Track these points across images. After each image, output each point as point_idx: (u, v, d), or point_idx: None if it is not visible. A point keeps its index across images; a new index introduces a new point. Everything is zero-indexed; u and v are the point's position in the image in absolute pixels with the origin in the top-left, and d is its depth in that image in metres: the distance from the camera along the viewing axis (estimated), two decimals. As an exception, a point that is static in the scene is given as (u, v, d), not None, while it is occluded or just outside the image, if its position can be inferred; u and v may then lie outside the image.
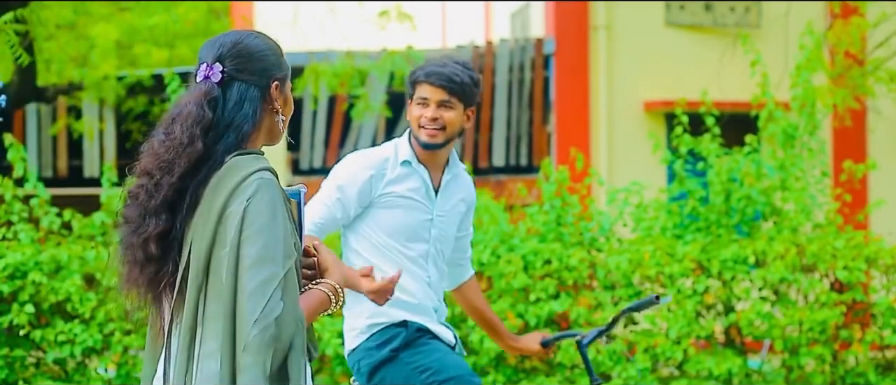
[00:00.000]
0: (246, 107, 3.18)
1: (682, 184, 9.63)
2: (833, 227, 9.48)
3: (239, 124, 3.16)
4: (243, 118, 3.17)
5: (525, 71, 14.35)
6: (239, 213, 3.02)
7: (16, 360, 8.72)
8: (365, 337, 4.55)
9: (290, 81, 3.35)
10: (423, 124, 4.62)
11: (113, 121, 14.48)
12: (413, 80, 4.68)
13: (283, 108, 3.28)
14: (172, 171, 3.10)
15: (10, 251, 8.69)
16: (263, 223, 3.02)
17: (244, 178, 3.07)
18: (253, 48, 3.24)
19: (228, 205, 3.05)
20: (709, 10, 14.29)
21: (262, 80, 3.23)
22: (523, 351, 5.01)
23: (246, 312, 2.97)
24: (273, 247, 3.01)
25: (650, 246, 9.03)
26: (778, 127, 9.70)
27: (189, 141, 3.10)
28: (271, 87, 3.24)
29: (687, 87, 12.26)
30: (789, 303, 9.07)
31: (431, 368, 4.49)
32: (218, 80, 3.19)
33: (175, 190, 3.10)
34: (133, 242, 3.15)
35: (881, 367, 9.33)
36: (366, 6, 13.28)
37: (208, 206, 3.07)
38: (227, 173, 3.09)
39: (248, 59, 3.23)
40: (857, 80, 12.04)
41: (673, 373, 9.21)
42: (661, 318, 9.03)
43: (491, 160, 14.33)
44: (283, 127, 3.31)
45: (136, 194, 3.18)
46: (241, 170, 3.09)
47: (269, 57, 3.26)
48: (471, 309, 5.03)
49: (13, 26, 7.97)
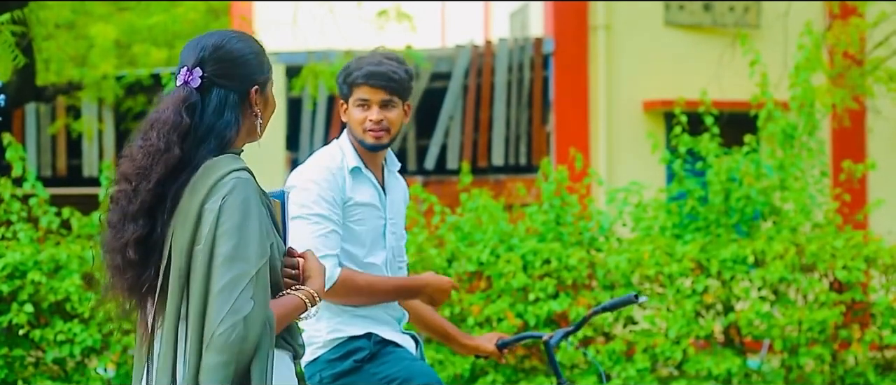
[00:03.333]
0: (227, 114, 3.19)
1: (681, 183, 9.62)
2: (832, 226, 9.48)
3: (221, 131, 3.18)
4: (225, 125, 3.19)
5: (524, 70, 14.34)
6: (214, 211, 3.03)
7: (15, 359, 8.72)
8: (326, 349, 4.46)
9: (273, 79, 3.35)
10: (367, 127, 4.52)
11: (112, 120, 14.48)
12: (350, 81, 4.55)
13: (263, 112, 3.29)
14: (149, 177, 3.10)
15: (9, 251, 8.68)
16: (237, 221, 3.02)
17: (221, 177, 3.09)
18: (235, 53, 3.22)
19: (205, 203, 3.05)
20: (708, 10, 14.29)
21: (243, 85, 3.23)
22: (478, 351, 4.91)
23: (213, 310, 2.95)
24: (245, 246, 3.00)
25: (649, 246, 9.02)
26: (777, 127, 9.70)
27: (166, 147, 3.10)
28: (251, 92, 3.24)
29: (686, 86, 12.25)
30: (788, 302, 9.07)
31: (398, 378, 4.43)
32: (197, 85, 3.18)
33: (153, 195, 3.10)
34: (114, 247, 3.17)
35: (880, 366, 9.32)
36: (365, 6, 13.29)
37: (187, 206, 3.07)
38: (203, 173, 3.10)
39: (229, 64, 3.21)
40: (856, 79, 12.04)
41: (672, 373, 9.21)
42: (661, 317, 9.02)
43: (490, 160, 14.32)
44: (262, 128, 3.32)
45: (116, 199, 3.19)
46: (218, 170, 3.11)
47: (251, 61, 3.25)
48: (415, 317, 4.85)
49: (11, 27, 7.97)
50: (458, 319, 8.93)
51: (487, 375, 8.96)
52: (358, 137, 4.55)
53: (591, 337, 9.13)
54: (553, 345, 4.82)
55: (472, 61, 14.34)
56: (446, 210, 9.60)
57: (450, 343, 4.92)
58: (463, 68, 14.27)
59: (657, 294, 9.09)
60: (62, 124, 14.34)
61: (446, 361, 8.79)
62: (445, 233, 9.30)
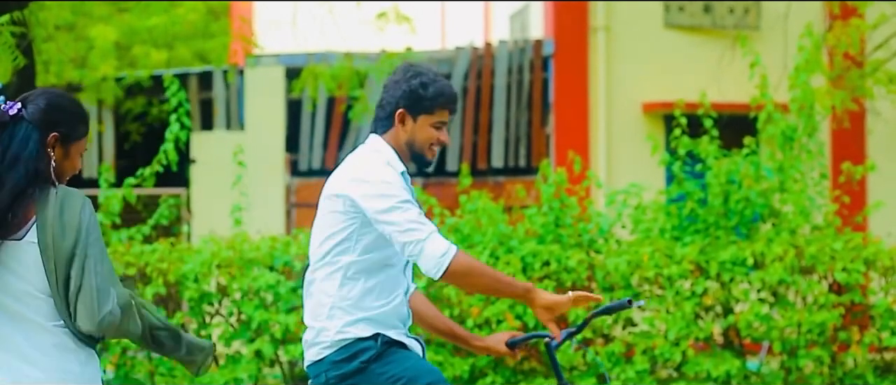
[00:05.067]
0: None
1: (680, 185, 9.63)
2: (832, 228, 9.48)
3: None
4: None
5: (524, 72, 14.35)
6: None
7: (14, 361, 8.71)
8: (332, 350, 4.47)
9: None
10: (433, 146, 4.61)
11: (111, 122, 14.48)
12: (436, 102, 4.61)
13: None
14: None
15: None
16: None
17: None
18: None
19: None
20: (708, 12, 14.29)
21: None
22: (489, 351, 4.94)
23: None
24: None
25: (649, 247, 9.03)
26: (777, 129, 9.70)
27: None
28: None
29: (686, 88, 12.26)
30: (788, 304, 9.07)
31: (404, 377, 4.45)
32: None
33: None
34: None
35: (880, 368, 9.32)
36: (364, 7, 13.29)
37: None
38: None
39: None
40: (856, 81, 12.04)
41: (671, 374, 9.21)
42: (660, 319, 9.03)
43: (490, 162, 14.33)
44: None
45: None
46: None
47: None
48: (421, 319, 4.86)
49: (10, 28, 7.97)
50: (458, 321, 8.93)
51: (487, 377, 8.96)
52: (419, 151, 4.60)
53: (591, 338, 9.13)
54: (554, 347, 4.83)
55: (472, 63, 14.34)
56: (446, 212, 9.61)
57: (460, 343, 4.94)
58: (462, 70, 14.27)
59: (656, 296, 9.09)
60: (62, 126, 14.33)
61: (446, 363, 8.80)
62: (445, 235, 9.29)
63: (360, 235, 4.50)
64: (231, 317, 9.12)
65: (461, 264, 4.38)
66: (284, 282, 8.96)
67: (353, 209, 4.50)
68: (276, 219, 13.59)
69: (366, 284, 4.49)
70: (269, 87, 14.22)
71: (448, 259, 4.36)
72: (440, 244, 4.39)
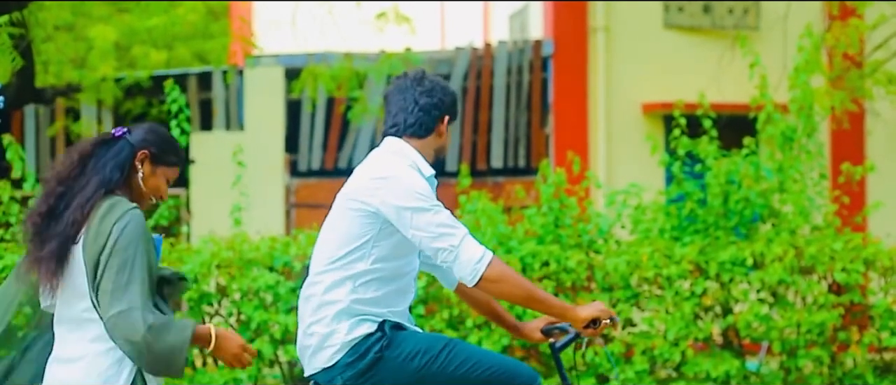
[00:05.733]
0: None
1: (680, 186, 9.63)
2: (831, 229, 9.48)
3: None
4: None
5: (523, 73, 14.35)
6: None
7: (13, 361, 8.71)
8: (343, 353, 4.44)
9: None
10: (447, 148, 4.69)
11: (111, 122, 14.47)
12: (456, 111, 4.70)
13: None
14: None
15: (8, 253, 8.69)
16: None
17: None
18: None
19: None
20: (707, 12, 14.29)
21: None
22: (525, 337, 4.95)
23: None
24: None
25: (648, 248, 9.03)
26: (776, 129, 9.70)
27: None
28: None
29: (685, 89, 12.25)
30: (787, 305, 9.07)
31: (420, 349, 4.45)
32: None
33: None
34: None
35: (879, 369, 9.33)
36: (364, 7, 13.29)
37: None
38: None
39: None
40: (856, 82, 12.04)
41: (671, 374, 9.21)
42: (659, 319, 9.03)
43: (489, 162, 14.33)
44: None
45: None
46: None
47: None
48: (475, 303, 4.90)
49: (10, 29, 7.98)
50: (458, 321, 8.93)
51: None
52: (440, 154, 4.67)
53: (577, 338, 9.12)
54: (558, 348, 4.83)
55: (472, 63, 14.34)
56: (445, 212, 9.60)
57: (502, 325, 4.96)
58: (462, 70, 14.27)
59: (656, 296, 9.09)
60: (61, 126, 14.34)
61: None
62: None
63: (377, 242, 4.44)
64: (230, 317, 9.11)
65: (495, 270, 4.37)
66: (284, 282, 8.96)
67: (374, 214, 4.43)
68: (276, 219, 13.59)
69: (376, 294, 4.46)
70: (269, 87, 14.22)
71: (484, 265, 4.34)
72: (475, 250, 4.36)
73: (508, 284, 4.40)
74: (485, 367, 4.47)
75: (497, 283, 4.38)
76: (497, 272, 4.37)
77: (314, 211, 13.36)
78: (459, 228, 4.39)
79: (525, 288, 4.43)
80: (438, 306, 8.94)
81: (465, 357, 4.45)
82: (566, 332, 4.83)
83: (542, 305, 4.50)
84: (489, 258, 4.35)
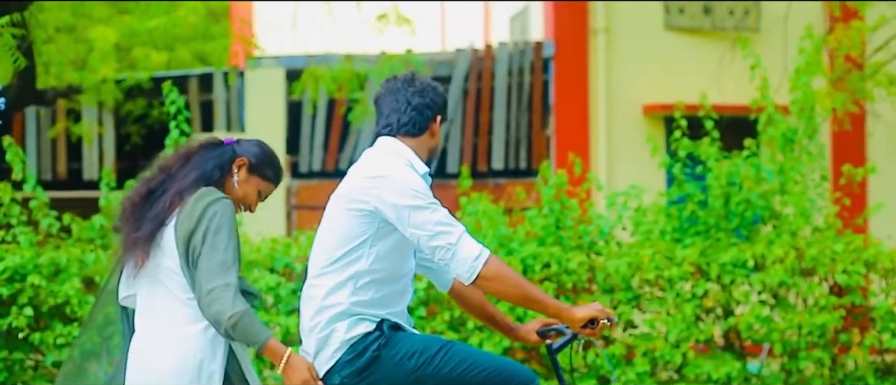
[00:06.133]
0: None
1: (681, 187, 9.62)
2: (832, 230, 9.48)
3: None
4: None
5: (524, 74, 14.35)
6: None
7: (15, 363, 8.72)
8: (343, 351, 4.45)
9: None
10: (439, 148, 4.69)
11: (112, 124, 14.47)
12: (446, 112, 4.70)
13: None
14: None
15: (9, 254, 8.68)
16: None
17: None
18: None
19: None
20: (708, 14, 14.29)
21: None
22: (521, 339, 4.94)
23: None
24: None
25: (649, 249, 9.03)
26: (777, 131, 9.70)
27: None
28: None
29: (686, 90, 12.25)
30: (788, 306, 9.07)
31: (418, 350, 4.45)
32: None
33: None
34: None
35: (880, 370, 9.32)
36: (364, 8, 13.28)
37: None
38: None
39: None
40: (857, 83, 12.03)
41: (672, 376, 9.21)
42: (661, 321, 9.03)
43: (490, 163, 14.32)
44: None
45: None
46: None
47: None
48: (470, 307, 4.88)
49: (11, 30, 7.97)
50: (458, 323, 8.93)
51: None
52: (433, 155, 4.67)
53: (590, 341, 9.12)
54: (555, 349, 4.83)
55: (472, 65, 14.34)
56: (446, 214, 9.59)
57: (499, 330, 4.96)
58: (463, 72, 14.27)
59: (657, 298, 9.09)
60: (62, 128, 14.34)
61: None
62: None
63: (375, 241, 4.44)
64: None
65: (492, 269, 4.37)
66: (285, 284, 8.96)
67: (371, 214, 4.42)
68: (277, 221, 13.58)
69: (375, 295, 4.46)
70: (270, 88, 14.22)
71: (481, 262, 4.35)
72: (473, 247, 4.37)
73: (505, 283, 4.40)
74: (481, 369, 4.47)
75: (494, 282, 4.38)
76: (494, 270, 4.37)
77: (315, 212, 13.35)
78: (457, 226, 4.40)
79: (522, 287, 4.43)
80: (439, 308, 8.94)
81: (462, 358, 4.46)
82: (563, 333, 4.81)
83: (539, 305, 4.49)
84: (486, 256, 4.35)
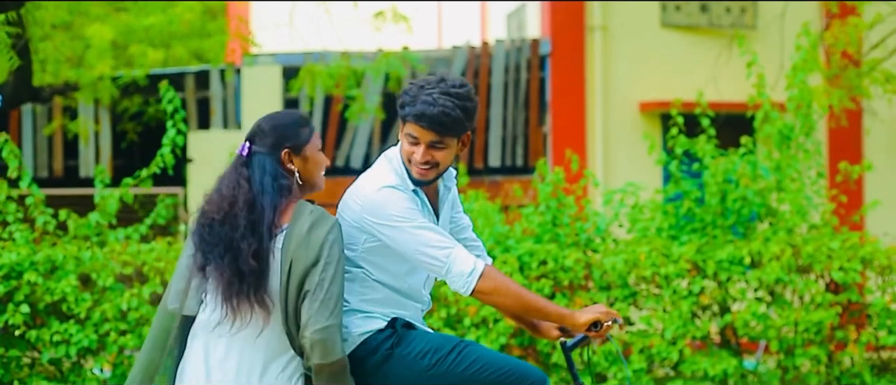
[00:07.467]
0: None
1: (677, 185, 9.63)
2: (829, 228, 9.48)
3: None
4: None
5: (521, 72, 14.35)
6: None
7: (11, 360, 8.71)
8: (354, 346, 4.45)
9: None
10: (413, 162, 4.39)
11: (108, 121, 14.47)
12: (402, 115, 4.40)
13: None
14: None
15: (5, 251, 8.68)
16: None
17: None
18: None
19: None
20: (705, 11, 14.30)
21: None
22: (544, 336, 4.93)
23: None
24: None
25: (646, 247, 9.03)
26: (774, 128, 9.70)
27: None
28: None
29: (683, 87, 12.26)
30: (785, 303, 9.07)
31: (431, 348, 4.44)
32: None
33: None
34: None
35: (876, 367, 9.33)
36: (361, 6, 13.28)
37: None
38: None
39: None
40: (853, 81, 12.03)
41: (668, 373, 9.21)
42: (657, 318, 9.03)
43: (487, 161, 14.33)
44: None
45: None
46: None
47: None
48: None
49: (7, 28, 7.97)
50: (455, 320, 8.93)
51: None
52: (406, 166, 4.43)
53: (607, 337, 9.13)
54: (569, 347, 4.83)
55: (469, 62, 14.34)
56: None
57: (521, 323, 4.91)
58: (459, 69, 14.27)
59: (653, 295, 9.09)
60: (58, 125, 14.34)
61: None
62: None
63: (369, 248, 4.44)
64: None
65: (488, 283, 4.34)
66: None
67: (358, 229, 4.40)
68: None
69: (382, 295, 4.45)
70: (266, 86, 14.22)
71: (475, 279, 4.32)
72: (465, 263, 4.33)
73: (503, 295, 4.38)
74: (495, 369, 4.45)
75: (491, 295, 4.37)
76: (490, 284, 4.35)
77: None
78: (447, 244, 4.34)
79: (521, 297, 4.41)
80: (436, 305, 8.94)
81: (476, 358, 4.44)
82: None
83: (540, 313, 4.48)
84: (480, 271, 4.32)
